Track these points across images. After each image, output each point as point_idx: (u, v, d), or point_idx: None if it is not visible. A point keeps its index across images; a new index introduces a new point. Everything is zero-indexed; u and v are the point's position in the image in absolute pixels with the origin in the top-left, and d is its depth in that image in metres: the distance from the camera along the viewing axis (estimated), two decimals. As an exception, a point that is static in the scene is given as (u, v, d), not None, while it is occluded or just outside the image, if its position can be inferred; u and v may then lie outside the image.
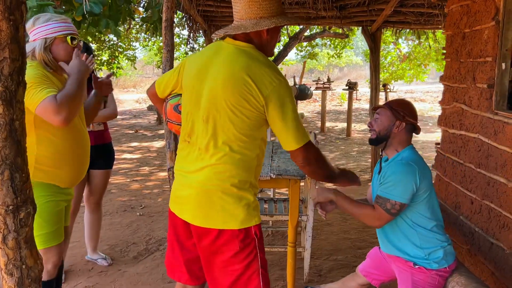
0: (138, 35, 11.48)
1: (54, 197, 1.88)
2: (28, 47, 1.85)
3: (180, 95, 1.74)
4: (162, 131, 9.14)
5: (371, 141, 2.10)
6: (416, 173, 1.89)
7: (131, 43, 12.03)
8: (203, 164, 1.55)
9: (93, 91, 2.22)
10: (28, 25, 1.88)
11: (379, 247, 2.20)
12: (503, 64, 2.32)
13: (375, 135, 2.06)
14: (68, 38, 1.89)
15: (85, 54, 2.68)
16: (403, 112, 2.00)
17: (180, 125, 1.71)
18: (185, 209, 1.62)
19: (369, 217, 1.94)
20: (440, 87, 3.16)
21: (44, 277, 1.93)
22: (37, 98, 1.69)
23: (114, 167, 6.09)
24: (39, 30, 1.86)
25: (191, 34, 5.51)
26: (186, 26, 5.50)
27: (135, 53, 12.69)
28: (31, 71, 1.75)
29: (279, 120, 1.50)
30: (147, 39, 11.89)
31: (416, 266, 1.93)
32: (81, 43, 2.02)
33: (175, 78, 1.72)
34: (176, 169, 1.69)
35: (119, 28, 9.10)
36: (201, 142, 1.56)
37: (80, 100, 1.80)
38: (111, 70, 11.79)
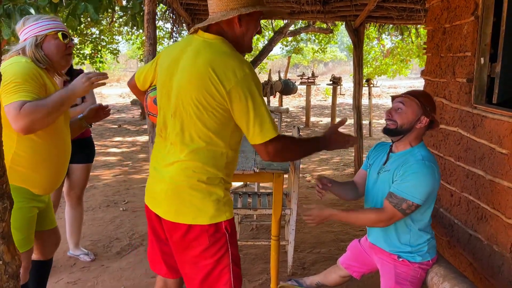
0: (121, 29, 11.30)
1: (26, 203, 1.82)
2: (18, 47, 1.84)
3: None
4: (146, 126, 9.05)
5: (388, 131, 1.92)
6: (436, 176, 1.83)
7: (114, 37, 11.85)
8: (173, 159, 1.54)
9: (79, 116, 2.18)
10: (18, 25, 1.87)
11: (359, 239, 2.22)
12: (482, 59, 2.35)
13: (394, 126, 1.90)
14: (60, 34, 1.88)
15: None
16: (430, 107, 1.88)
17: None
18: (158, 203, 1.61)
19: (378, 220, 1.85)
20: (423, 82, 3.20)
21: None
22: (9, 98, 1.66)
23: (97, 162, 6.06)
24: (30, 29, 1.85)
25: (174, 28, 5.46)
26: (169, 19, 5.44)
27: (118, 46, 12.52)
28: (19, 69, 1.72)
29: (242, 114, 1.45)
30: (130, 33, 11.73)
31: (400, 259, 1.94)
32: (73, 42, 1.99)
33: (152, 70, 1.71)
34: (150, 163, 1.68)
35: (102, 20, 8.94)
36: (171, 137, 1.55)
37: (52, 118, 1.74)
38: (94, 64, 11.58)
